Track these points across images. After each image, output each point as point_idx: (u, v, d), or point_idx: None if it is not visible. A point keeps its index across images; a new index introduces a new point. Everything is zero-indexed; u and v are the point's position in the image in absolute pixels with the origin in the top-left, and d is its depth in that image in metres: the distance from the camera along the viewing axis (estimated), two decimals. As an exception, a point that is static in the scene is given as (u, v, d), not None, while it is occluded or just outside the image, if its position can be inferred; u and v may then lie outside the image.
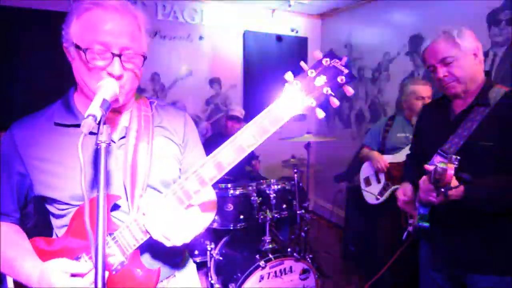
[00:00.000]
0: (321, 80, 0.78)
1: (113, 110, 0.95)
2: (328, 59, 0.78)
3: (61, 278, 0.81)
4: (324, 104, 0.80)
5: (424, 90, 2.40)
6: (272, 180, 2.65)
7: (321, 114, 0.80)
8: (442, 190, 1.17)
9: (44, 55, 2.90)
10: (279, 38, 4.12)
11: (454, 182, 1.16)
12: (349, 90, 0.79)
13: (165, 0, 3.57)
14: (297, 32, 4.28)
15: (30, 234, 0.99)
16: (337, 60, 0.78)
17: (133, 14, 0.90)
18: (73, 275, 0.83)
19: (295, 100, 0.79)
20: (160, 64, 3.63)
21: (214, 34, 3.86)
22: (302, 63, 0.80)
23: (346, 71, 0.78)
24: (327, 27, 4.42)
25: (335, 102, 0.79)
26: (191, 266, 1.19)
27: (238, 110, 3.36)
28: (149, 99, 1.10)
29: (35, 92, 2.82)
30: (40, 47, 2.87)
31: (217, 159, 0.81)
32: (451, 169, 1.11)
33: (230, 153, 0.80)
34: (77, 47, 0.84)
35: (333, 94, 0.78)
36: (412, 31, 3.19)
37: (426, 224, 1.36)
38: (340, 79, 0.78)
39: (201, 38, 3.80)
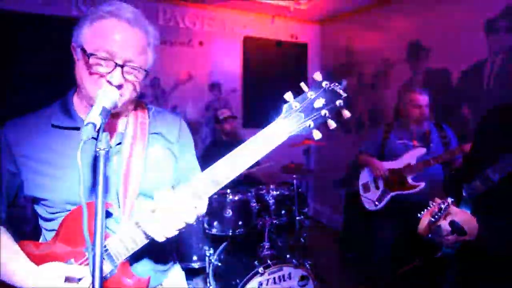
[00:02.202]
0: (320, 102, 0.80)
1: (110, 115, 0.95)
2: (327, 82, 0.80)
3: (56, 281, 0.83)
4: (322, 126, 0.81)
5: (422, 99, 2.41)
6: (271, 185, 2.65)
7: (317, 135, 0.82)
8: (429, 236, 1.03)
9: (44, 59, 2.90)
10: (279, 43, 4.14)
11: (446, 228, 1.01)
12: (346, 114, 0.81)
13: (166, 5, 3.59)
14: (296, 38, 4.31)
15: (29, 238, 0.98)
16: (337, 84, 0.81)
17: (145, 29, 0.92)
18: (67, 279, 0.84)
19: (293, 121, 0.81)
20: (161, 69, 3.64)
21: (214, 39, 3.88)
22: (302, 84, 0.81)
23: (344, 95, 0.80)
24: (327, 33, 4.45)
25: (332, 124, 0.81)
26: (179, 275, 1.19)
27: (227, 110, 3.32)
28: (147, 105, 1.11)
29: (35, 94, 2.82)
30: (40, 51, 2.88)
31: (215, 175, 0.83)
32: (425, 220, 0.98)
33: (227, 169, 0.83)
34: (83, 50, 0.86)
35: (330, 116, 0.80)
36: (411, 38, 3.22)
37: (451, 251, 1.25)
38: (339, 103, 0.80)
39: (201, 43, 3.82)
